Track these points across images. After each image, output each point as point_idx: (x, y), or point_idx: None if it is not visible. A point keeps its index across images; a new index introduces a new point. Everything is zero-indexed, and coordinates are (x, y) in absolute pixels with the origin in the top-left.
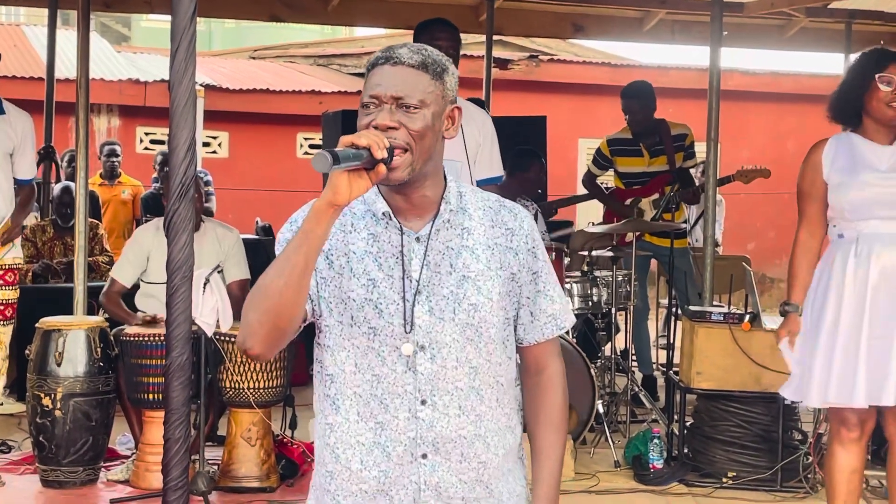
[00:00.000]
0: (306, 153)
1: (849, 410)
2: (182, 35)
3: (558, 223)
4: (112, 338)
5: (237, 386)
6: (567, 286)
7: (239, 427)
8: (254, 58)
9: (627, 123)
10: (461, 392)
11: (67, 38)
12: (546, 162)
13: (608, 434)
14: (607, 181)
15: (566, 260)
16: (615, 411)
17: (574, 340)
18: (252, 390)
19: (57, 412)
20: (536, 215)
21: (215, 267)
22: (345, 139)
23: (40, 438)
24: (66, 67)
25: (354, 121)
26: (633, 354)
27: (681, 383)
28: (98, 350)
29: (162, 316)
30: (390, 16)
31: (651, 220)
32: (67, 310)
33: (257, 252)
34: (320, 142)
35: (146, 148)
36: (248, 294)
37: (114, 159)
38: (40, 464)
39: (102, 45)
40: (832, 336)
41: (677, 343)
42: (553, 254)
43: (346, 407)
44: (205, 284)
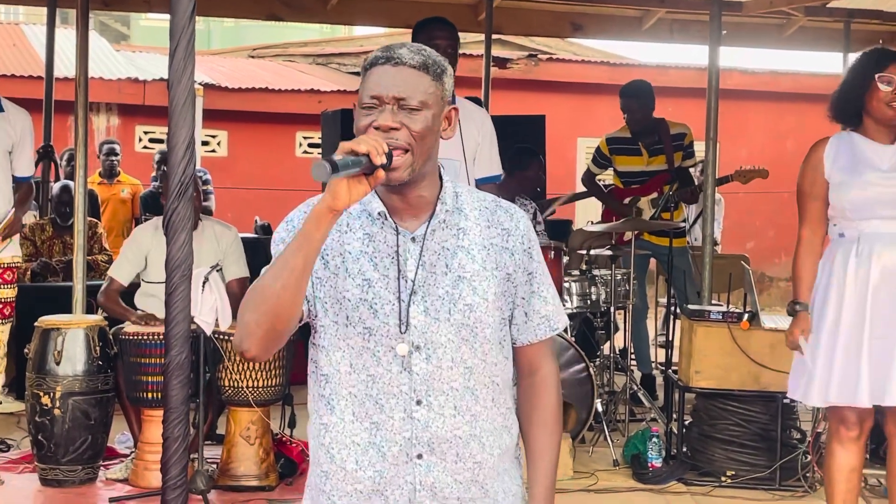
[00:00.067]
0: (305, 152)
1: (848, 409)
2: (181, 34)
3: (556, 222)
4: (111, 336)
5: (236, 385)
6: (566, 285)
7: (238, 426)
8: (253, 56)
9: (626, 122)
10: (456, 392)
11: (66, 37)
12: (545, 161)
13: (607, 433)
14: (606, 180)
15: (565, 259)
16: (614, 410)
17: (573, 339)
18: (251, 389)
19: (56, 411)
20: (535, 214)
21: (214, 266)
22: (344, 145)
23: (39, 437)
24: (65, 66)
25: (353, 120)
26: (632, 353)
27: (679, 382)
28: (97, 349)
29: (160, 316)
30: (389, 15)
31: (650, 219)
32: (66, 308)
33: (256, 251)
34: (319, 141)
35: (145, 147)
36: (245, 296)
37: (113, 158)
38: (39, 462)
39: (101, 44)
40: (833, 335)
41: (676, 342)
42: (552, 252)
43: (342, 407)
44: (204, 283)
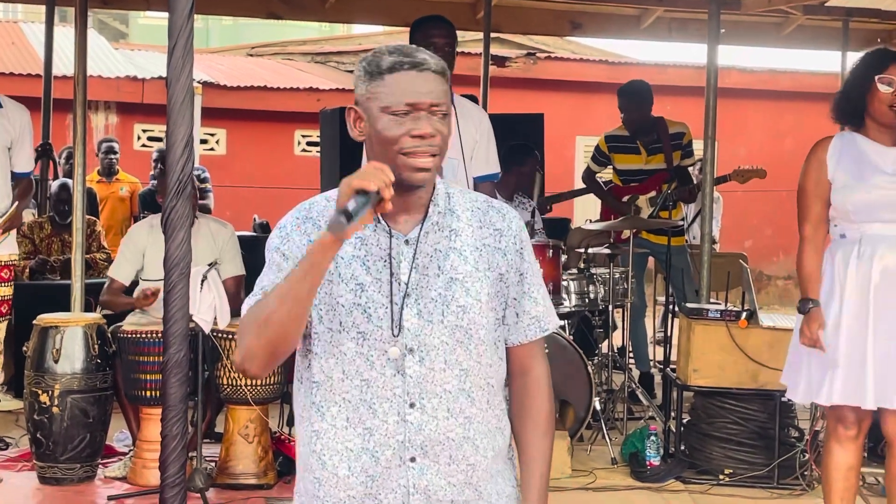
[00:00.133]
0: (304, 150)
1: (847, 408)
2: (179, 32)
3: (554, 220)
4: (109, 335)
5: (234, 383)
6: (564, 283)
7: (236, 424)
8: (251, 55)
9: (622, 122)
10: (450, 394)
11: (65, 35)
12: (543, 160)
13: (605, 431)
14: (606, 178)
15: (563, 257)
16: (612, 408)
17: (571, 338)
18: (249, 387)
19: (54, 409)
20: (534, 213)
21: (212, 263)
22: (352, 184)
23: (38, 435)
24: (64, 64)
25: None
26: (631, 352)
27: (678, 380)
28: (95, 347)
29: (158, 315)
30: (388, 13)
31: (648, 218)
32: (65, 307)
33: (255, 249)
34: (318, 139)
35: (144, 145)
36: (246, 317)
37: (111, 156)
38: (38, 460)
39: (100, 42)
40: (835, 336)
41: (674, 340)
42: (550, 251)
43: (333, 413)
44: (202, 281)
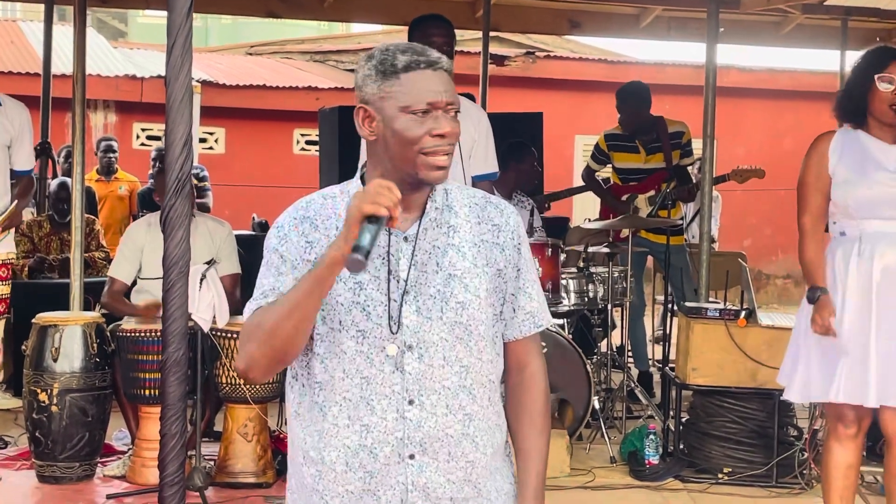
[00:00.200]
0: (303, 149)
1: (847, 407)
2: (178, 31)
3: (554, 219)
4: (108, 333)
5: (233, 382)
6: (563, 282)
7: (235, 423)
8: (250, 54)
9: (619, 122)
10: (448, 391)
11: (64, 34)
12: (542, 159)
13: (604, 430)
14: (604, 176)
15: (562, 256)
16: (611, 407)
17: (570, 336)
18: (248, 386)
19: (53, 408)
20: (533, 211)
21: (212, 262)
22: (364, 210)
23: (37, 434)
24: (63, 63)
25: (351, 117)
26: (629, 351)
27: (676, 379)
28: (94, 346)
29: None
30: (386, 12)
31: (647, 217)
32: (64, 305)
33: (254, 248)
34: (317, 138)
35: (143, 144)
36: (250, 325)
37: (110, 155)
38: (37, 459)
39: (99, 41)
40: (838, 334)
41: (673, 339)
42: (549, 250)
43: (335, 413)
44: (201, 280)
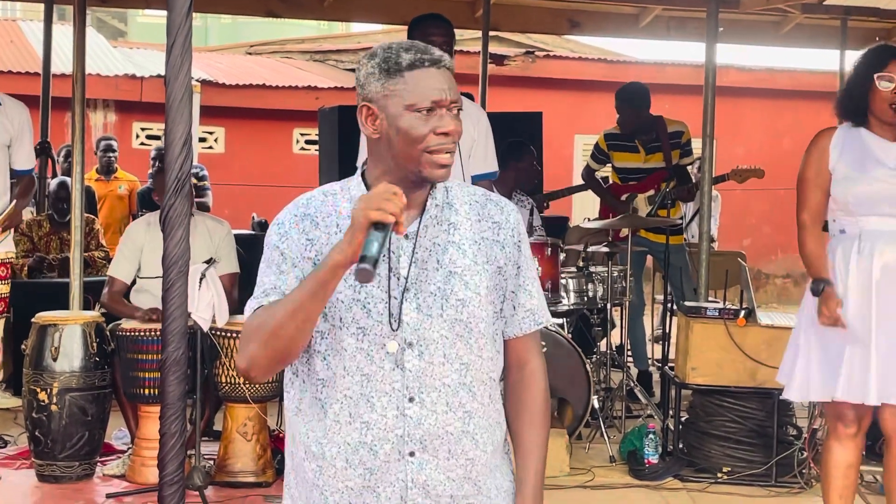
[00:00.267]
0: (302, 149)
1: (847, 406)
2: (178, 30)
3: (553, 218)
4: (108, 333)
5: (233, 381)
6: (562, 281)
7: (235, 422)
8: (250, 53)
9: (617, 123)
10: (449, 388)
11: (64, 34)
12: (542, 158)
13: (603, 429)
14: (602, 174)
15: (561, 255)
16: (610, 407)
17: (569, 336)
18: (248, 385)
19: (53, 407)
20: (532, 210)
21: (211, 261)
22: (371, 217)
23: (36, 433)
24: (63, 63)
25: (350, 116)
26: (629, 350)
27: (676, 379)
28: (94, 345)
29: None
30: (386, 11)
31: (646, 216)
32: (64, 305)
33: (253, 247)
34: (316, 137)
35: (142, 143)
36: (251, 325)
37: (110, 154)
38: (36, 458)
39: (99, 41)
40: (837, 332)
41: (672, 338)
42: (549, 249)
43: (336, 410)
44: (201, 279)
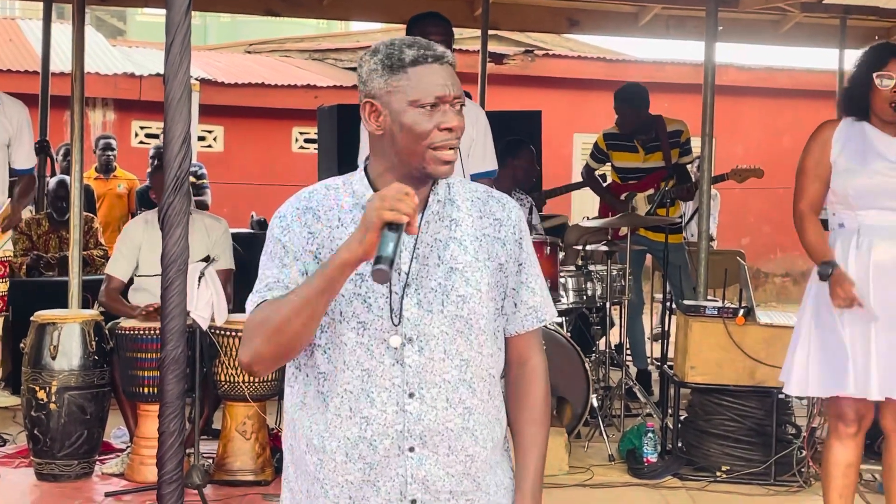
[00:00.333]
0: (301, 147)
1: (847, 406)
2: (177, 29)
3: (552, 217)
4: (107, 331)
5: (232, 379)
6: (562, 280)
7: (234, 420)
8: (249, 52)
9: (615, 123)
10: (449, 385)
11: (62, 32)
12: (541, 157)
13: (602, 428)
14: (605, 173)
15: (561, 254)
16: (609, 405)
17: (568, 334)
18: (247, 384)
19: (52, 405)
20: (532, 209)
21: (210, 259)
22: (384, 217)
23: (35, 432)
24: (62, 61)
25: (350, 115)
26: (628, 349)
27: (675, 377)
28: (93, 343)
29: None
30: (385, 10)
31: (645, 215)
32: (63, 303)
33: (252, 246)
34: (315, 136)
35: (141, 142)
36: (255, 319)
37: (109, 153)
38: (35, 457)
39: (97, 39)
40: (839, 327)
41: (671, 337)
42: (548, 248)
43: (336, 404)
44: (200, 278)
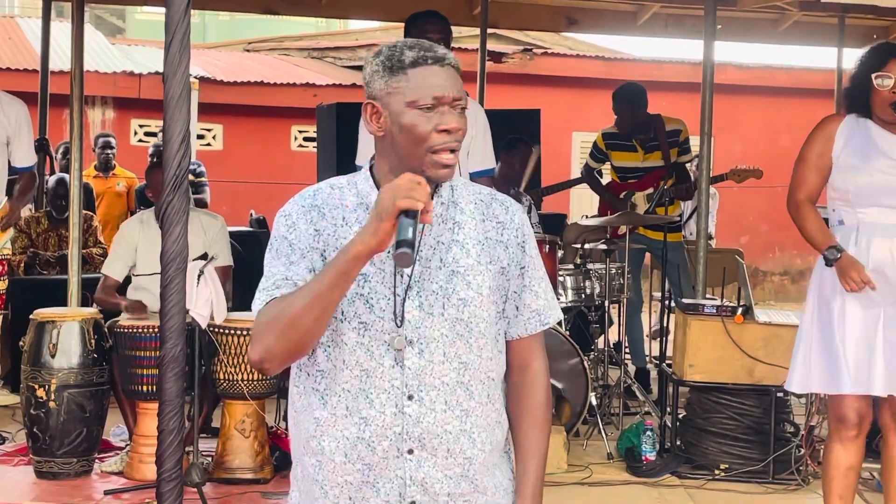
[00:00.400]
0: (300, 146)
1: (848, 408)
2: (176, 27)
3: (551, 216)
4: (106, 329)
5: (231, 378)
6: (560, 279)
7: (233, 419)
8: (248, 50)
9: (615, 123)
10: (447, 387)
11: (62, 30)
12: (540, 155)
13: (601, 426)
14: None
15: (559, 253)
16: (608, 403)
17: (567, 333)
18: (246, 382)
19: (51, 403)
20: (531, 208)
21: (209, 258)
22: (399, 205)
23: (34, 430)
24: (61, 59)
25: (348, 114)
26: (627, 347)
27: (673, 376)
28: (92, 342)
29: (153, 308)
30: (384, 9)
31: (644, 214)
32: (62, 301)
33: (252, 244)
34: (314, 134)
35: (140, 140)
36: (265, 316)
37: (108, 151)
38: (34, 455)
39: (97, 38)
40: (840, 326)
41: (670, 336)
42: (547, 246)
43: (333, 403)
44: (199, 276)
